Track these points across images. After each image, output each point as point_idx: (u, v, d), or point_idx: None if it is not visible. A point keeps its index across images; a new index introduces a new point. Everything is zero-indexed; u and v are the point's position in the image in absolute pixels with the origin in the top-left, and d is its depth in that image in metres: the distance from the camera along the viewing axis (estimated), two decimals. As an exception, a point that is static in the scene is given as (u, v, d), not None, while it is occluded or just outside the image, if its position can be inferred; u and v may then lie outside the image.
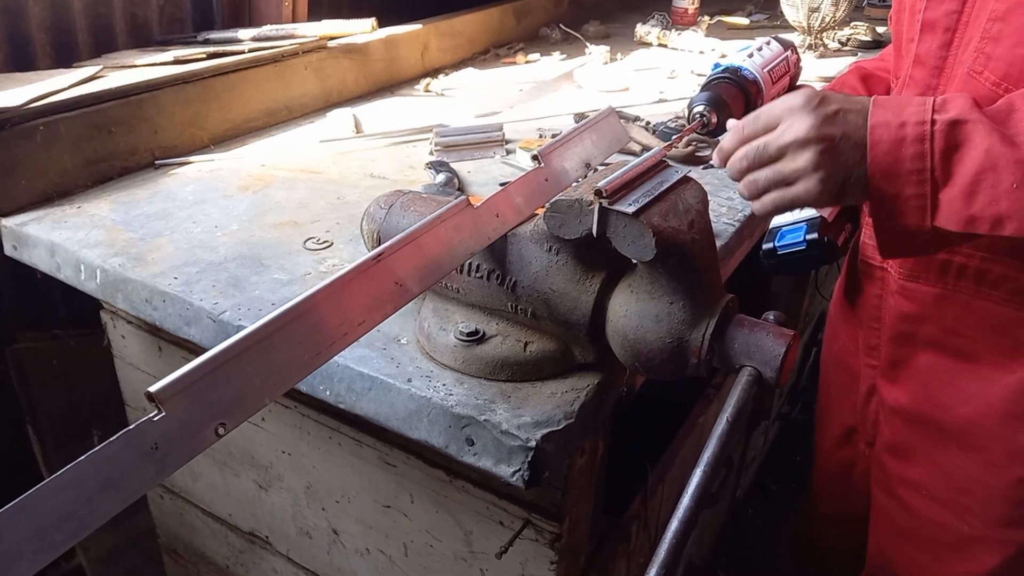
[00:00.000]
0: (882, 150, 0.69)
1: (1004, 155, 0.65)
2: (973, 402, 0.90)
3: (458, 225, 0.69)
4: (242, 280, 0.96)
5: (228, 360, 0.50)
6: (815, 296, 1.88)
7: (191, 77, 1.36)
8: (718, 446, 0.65)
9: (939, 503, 0.96)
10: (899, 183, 0.69)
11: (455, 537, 0.95)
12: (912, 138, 0.68)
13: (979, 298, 0.87)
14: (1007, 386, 0.87)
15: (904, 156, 0.68)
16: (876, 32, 2.27)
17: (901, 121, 0.69)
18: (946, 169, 0.68)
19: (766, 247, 1.03)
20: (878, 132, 0.69)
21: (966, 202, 0.67)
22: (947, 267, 0.88)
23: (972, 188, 0.67)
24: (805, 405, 2.15)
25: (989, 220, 0.67)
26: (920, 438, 0.97)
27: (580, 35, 2.30)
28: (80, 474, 0.43)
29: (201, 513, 1.30)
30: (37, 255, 1.08)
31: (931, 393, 0.94)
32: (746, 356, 0.71)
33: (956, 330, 0.90)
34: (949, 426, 0.93)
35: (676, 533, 0.60)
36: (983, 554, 0.94)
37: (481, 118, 1.61)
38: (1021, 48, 0.75)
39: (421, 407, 0.76)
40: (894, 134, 0.69)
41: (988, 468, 0.90)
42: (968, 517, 0.94)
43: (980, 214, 0.67)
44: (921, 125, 0.68)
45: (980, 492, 0.92)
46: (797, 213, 1.02)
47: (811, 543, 1.40)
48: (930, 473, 0.96)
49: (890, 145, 0.69)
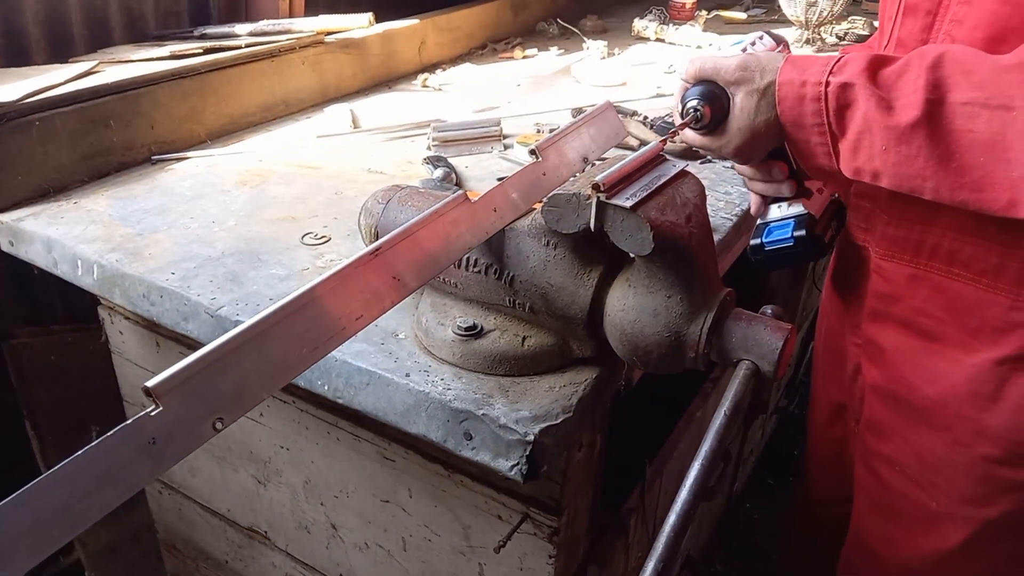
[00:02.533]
0: (787, 105, 0.80)
1: (877, 120, 0.74)
2: (940, 382, 0.92)
3: (456, 220, 0.69)
4: (240, 275, 0.96)
5: (226, 355, 0.50)
6: (812, 290, 1.88)
7: (188, 72, 1.36)
8: (716, 439, 0.65)
9: (911, 480, 0.98)
10: (806, 132, 0.80)
11: (454, 531, 0.96)
12: (811, 96, 0.78)
13: (949, 278, 0.88)
14: (972, 366, 0.88)
15: (806, 112, 0.79)
16: (873, 26, 2.27)
17: (803, 80, 0.78)
18: (841, 124, 0.77)
19: (753, 243, 1.04)
20: (784, 89, 0.80)
21: (852, 155, 0.77)
22: (920, 247, 0.90)
23: (855, 145, 0.76)
24: (802, 399, 2.15)
25: (869, 173, 0.77)
26: (894, 416, 0.99)
27: (577, 30, 2.30)
28: (78, 468, 0.43)
29: (200, 508, 1.30)
30: (34, 251, 1.08)
31: (902, 372, 0.96)
32: (744, 350, 0.71)
33: (926, 310, 0.92)
34: (919, 405, 0.95)
35: (674, 526, 0.60)
36: (950, 530, 0.96)
37: (479, 113, 1.61)
38: (978, 31, 0.78)
39: (419, 402, 0.76)
40: (796, 91, 0.79)
41: (954, 447, 0.92)
42: (936, 494, 0.96)
43: (862, 167, 0.77)
44: (818, 86, 0.77)
45: (947, 470, 0.94)
46: (786, 209, 1.02)
47: (805, 527, 1.41)
48: (903, 450, 0.99)
49: (793, 101, 0.79)
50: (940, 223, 0.87)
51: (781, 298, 1.74)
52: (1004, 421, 0.87)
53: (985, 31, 0.78)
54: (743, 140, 0.84)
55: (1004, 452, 0.88)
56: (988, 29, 0.78)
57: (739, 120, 0.83)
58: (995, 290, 0.85)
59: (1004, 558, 0.96)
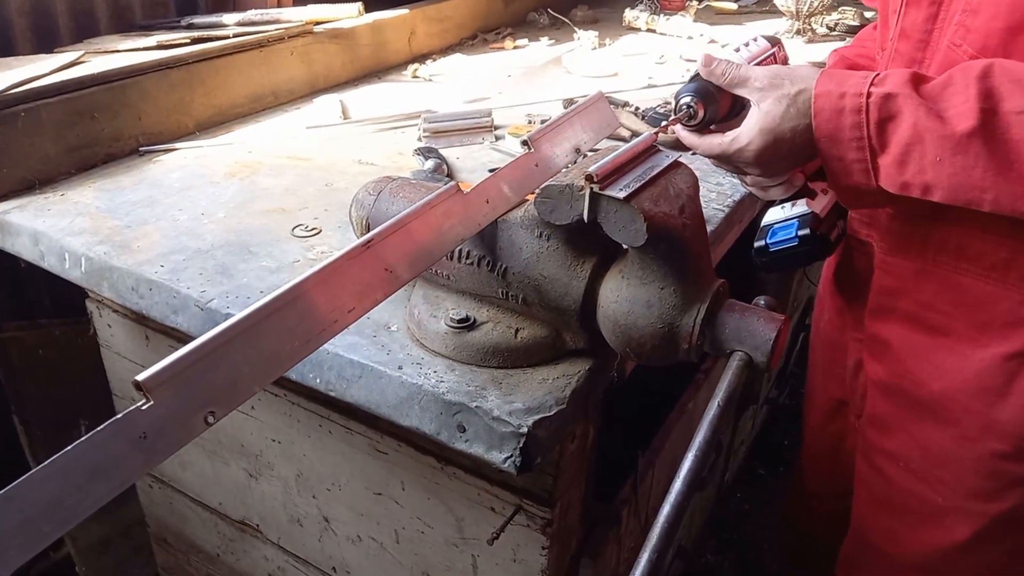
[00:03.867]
0: (824, 118, 0.76)
1: (929, 130, 0.71)
2: (948, 377, 0.91)
3: (448, 211, 0.69)
4: (230, 268, 0.95)
5: (216, 348, 0.49)
6: (803, 281, 1.89)
7: (175, 62, 1.34)
8: (709, 430, 0.65)
9: (915, 475, 0.98)
10: (842, 148, 0.76)
11: (447, 523, 0.96)
12: (850, 108, 0.75)
13: (958, 273, 0.88)
14: (981, 361, 0.88)
15: (844, 124, 0.75)
16: (864, 17, 2.27)
17: (842, 92, 0.75)
18: (881, 138, 0.74)
19: (758, 244, 1.03)
20: (820, 101, 0.77)
21: (899, 170, 0.74)
22: (927, 242, 0.89)
23: (903, 158, 0.73)
24: (793, 390, 2.16)
25: (919, 187, 0.73)
26: (898, 411, 0.98)
27: (568, 20, 2.29)
28: (68, 463, 0.43)
29: (191, 502, 1.29)
30: (20, 243, 1.07)
31: (907, 367, 0.96)
32: (737, 341, 0.71)
33: (933, 305, 0.91)
34: (925, 400, 0.94)
35: (668, 516, 0.60)
36: (956, 525, 0.96)
37: (470, 104, 1.60)
38: (997, 21, 0.76)
39: (412, 394, 0.75)
40: (835, 104, 0.76)
41: (962, 442, 0.92)
42: (942, 489, 0.96)
43: (911, 181, 0.74)
44: (858, 97, 0.74)
45: (954, 465, 0.94)
46: (789, 209, 1.02)
47: (798, 519, 1.41)
48: (907, 445, 0.98)
49: (830, 114, 0.76)
50: (947, 218, 0.86)
51: (772, 290, 1.75)
52: (1013, 416, 0.87)
53: (1004, 21, 0.76)
54: (765, 143, 0.81)
55: (1012, 447, 0.88)
56: (1007, 19, 0.75)
57: (763, 122, 0.81)
58: (1005, 285, 0.84)
59: (1008, 552, 0.96)
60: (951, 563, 0.98)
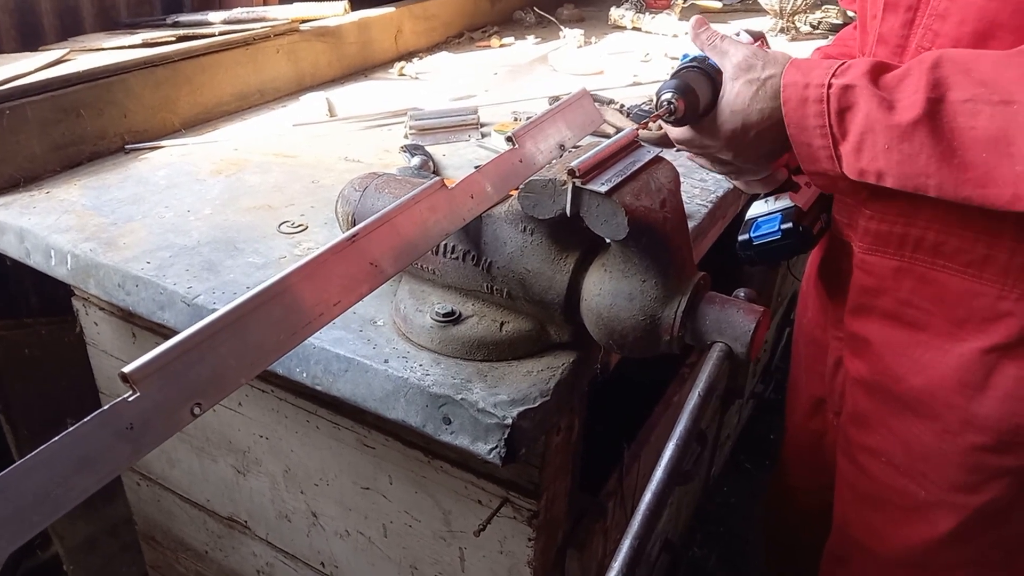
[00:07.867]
0: (791, 107, 0.80)
1: (879, 119, 0.74)
2: (927, 372, 0.92)
3: (433, 206, 0.70)
4: (216, 264, 0.95)
5: (203, 340, 0.50)
6: (787, 276, 1.90)
7: (160, 60, 1.34)
8: (690, 420, 0.67)
9: (897, 470, 0.99)
10: (808, 135, 0.80)
11: (434, 516, 0.96)
12: (814, 99, 0.79)
13: (935, 270, 0.89)
14: (960, 356, 0.89)
15: (809, 113, 0.79)
16: (847, 15, 2.29)
17: (806, 82, 0.79)
18: (842, 127, 0.78)
19: (741, 238, 1.04)
20: (788, 91, 0.80)
21: (856, 157, 0.77)
22: (904, 240, 0.90)
23: (859, 145, 0.77)
24: (778, 384, 2.18)
25: (874, 174, 0.77)
26: (879, 407, 0.99)
27: (554, 18, 2.30)
28: (55, 454, 0.44)
29: (179, 499, 1.29)
30: (6, 241, 1.07)
31: (888, 364, 0.97)
32: (717, 332, 0.72)
33: (911, 302, 0.92)
34: (905, 396, 0.95)
35: (649, 504, 0.61)
36: (939, 518, 0.97)
37: (456, 101, 1.60)
38: (965, 26, 0.78)
39: (398, 387, 0.76)
40: (800, 93, 0.80)
41: (943, 436, 0.93)
42: (924, 483, 0.97)
43: (866, 168, 0.77)
44: (820, 87, 0.78)
45: (936, 459, 0.95)
46: (773, 203, 1.03)
47: (781, 514, 1.43)
48: (889, 441, 0.99)
49: (797, 103, 0.80)
50: (923, 216, 0.87)
51: (756, 284, 1.76)
52: (992, 409, 0.88)
53: (972, 26, 0.78)
54: (735, 125, 0.85)
55: (993, 439, 0.89)
56: (975, 24, 0.77)
57: (733, 104, 0.84)
58: (981, 280, 0.85)
59: (990, 543, 0.97)
60: (935, 556, 0.99)
